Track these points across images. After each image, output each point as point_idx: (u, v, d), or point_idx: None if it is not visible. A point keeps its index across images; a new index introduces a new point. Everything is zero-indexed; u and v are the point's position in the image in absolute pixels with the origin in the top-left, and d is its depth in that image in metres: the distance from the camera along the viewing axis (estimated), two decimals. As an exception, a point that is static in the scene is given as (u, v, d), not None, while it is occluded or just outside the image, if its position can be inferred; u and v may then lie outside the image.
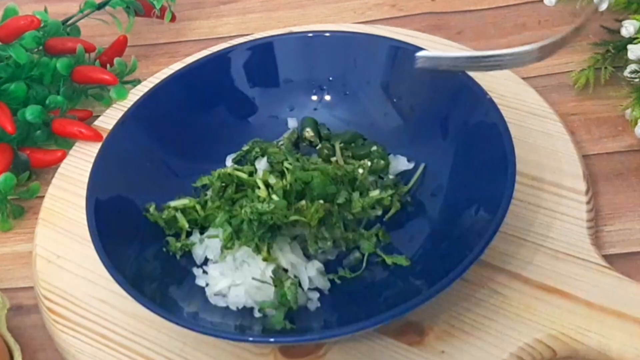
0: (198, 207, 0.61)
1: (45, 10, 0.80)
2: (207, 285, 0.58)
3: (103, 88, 0.77)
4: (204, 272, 0.59)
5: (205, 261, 0.60)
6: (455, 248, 0.56)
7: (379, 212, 0.61)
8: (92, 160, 0.61)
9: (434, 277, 0.53)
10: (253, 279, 0.56)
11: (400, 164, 0.64)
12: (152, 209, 0.61)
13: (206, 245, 0.60)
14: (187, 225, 0.61)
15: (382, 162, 0.63)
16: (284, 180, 0.59)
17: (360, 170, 0.62)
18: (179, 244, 0.60)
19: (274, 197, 0.58)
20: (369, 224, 0.61)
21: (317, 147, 0.66)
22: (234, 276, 0.57)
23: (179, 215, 0.61)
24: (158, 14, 0.83)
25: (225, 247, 0.58)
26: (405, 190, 0.63)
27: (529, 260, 0.58)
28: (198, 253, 0.60)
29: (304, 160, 0.62)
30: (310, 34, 0.70)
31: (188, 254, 0.60)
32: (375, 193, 0.60)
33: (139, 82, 0.77)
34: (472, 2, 0.84)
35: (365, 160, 0.63)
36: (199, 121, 0.67)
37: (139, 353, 0.56)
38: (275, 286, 0.56)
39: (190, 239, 0.61)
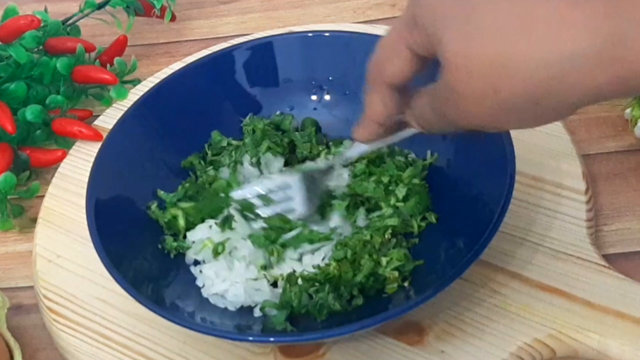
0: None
1: (46, 10, 0.81)
2: (203, 286, 0.58)
3: (103, 88, 0.78)
4: (201, 271, 0.59)
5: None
6: (454, 247, 0.56)
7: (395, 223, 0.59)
8: (92, 159, 0.61)
9: (433, 277, 0.53)
10: (253, 280, 0.56)
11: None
12: (153, 207, 0.62)
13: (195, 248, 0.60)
14: (184, 226, 0.61)
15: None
16: None
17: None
18: (175, 244, 0.60)
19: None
20: None
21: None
22: (229, 276, 0.57)
23: (180, 214, 0.61)
24: (158, 14, 0.83)
25: (215, 252, 0.58)
26: (423, 164, 0.62)
27: (529, 259, 0.58)
28: (190, 256, 0.60)
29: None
30: (310, 34, 0.70)
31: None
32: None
33: (139, 81, 0.77)
34: (472, 2, 0.84)
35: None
36: (198, 121, 0.67)
37: (139, 352, 0.56)
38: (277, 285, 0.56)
39: (186, 241, 0.60)
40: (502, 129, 0.47)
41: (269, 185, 0.61)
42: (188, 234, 0.60)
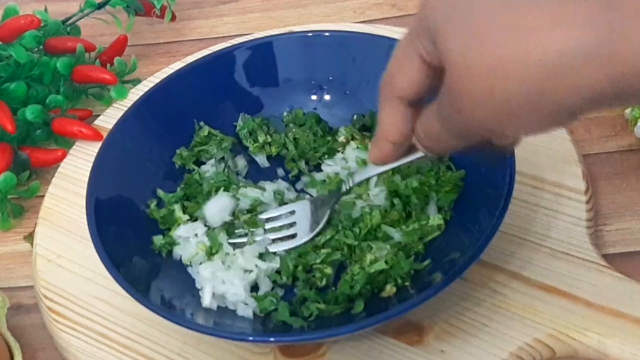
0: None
1: (46, 9, 0.81)
2: (202, 288, 0.58)
3: (103, 87, 0.78)
4: (199, 272, 0.59)
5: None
6: (454, 247, 0.56)
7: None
8: (92, 159, 0.61)
9: (433, 277, 0.53)
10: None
11: None
12: (152, 205, 0.62)
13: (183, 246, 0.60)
14: (184, 218, 0.61)
15: None
16: None
17: None
18: (163, 242, 0.60)
19: None
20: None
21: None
22: (226, 276, 0.57)
23: (177, 207, 0.61)
24: (158, 14, 0.83)
25: (209, 253, 0.58)
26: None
27: (529, 259, 0.58)
28: (177, 253, 0.60)
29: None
30: (310, 34, 0.70)
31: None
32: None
33: (139, 81, 0.77)
34: (472, 2, 0.84)
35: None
36: (198, 121, 0.67)
37: (139, 352, 0.56)
38: (257, 301, 0.56)
39: (174, 236, 0.60)
40: (507, 135, 0.44)
41: (272, 214, 0.60)
42: (172, 230, 0.60)
